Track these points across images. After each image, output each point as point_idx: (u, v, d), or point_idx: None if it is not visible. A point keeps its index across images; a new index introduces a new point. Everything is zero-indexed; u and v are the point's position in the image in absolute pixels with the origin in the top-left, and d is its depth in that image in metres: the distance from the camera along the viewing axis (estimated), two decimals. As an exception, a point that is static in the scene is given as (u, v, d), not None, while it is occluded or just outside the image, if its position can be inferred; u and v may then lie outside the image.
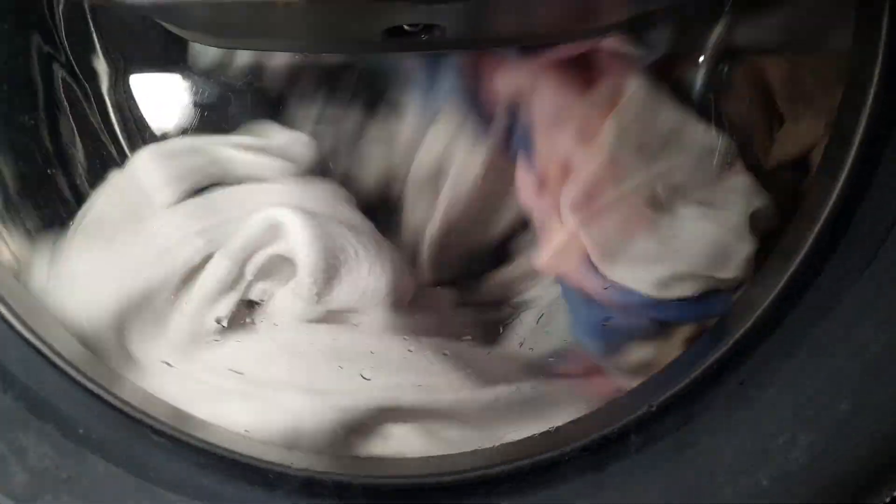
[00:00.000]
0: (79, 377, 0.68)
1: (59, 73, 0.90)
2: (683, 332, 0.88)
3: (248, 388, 0.77)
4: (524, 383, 0.83)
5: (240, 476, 0.69)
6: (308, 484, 0.70)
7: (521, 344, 0.93)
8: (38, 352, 0.68)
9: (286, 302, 0.82)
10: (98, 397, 0.68)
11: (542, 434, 0.83)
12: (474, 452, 0.81)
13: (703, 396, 0.75)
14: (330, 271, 0.79)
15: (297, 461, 0.71)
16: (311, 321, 0.83)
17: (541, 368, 0.88)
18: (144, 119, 0.93)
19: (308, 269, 0.78)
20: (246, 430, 0.73)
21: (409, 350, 0.83)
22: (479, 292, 0.97)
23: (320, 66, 0.94)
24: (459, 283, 0.97)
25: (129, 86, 0.94)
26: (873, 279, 0.72)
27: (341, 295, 0.80)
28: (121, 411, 0.68)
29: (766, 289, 0.77)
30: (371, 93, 0.94)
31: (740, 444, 0.71)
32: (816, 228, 0.75)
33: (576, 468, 0.73)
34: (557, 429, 0.84)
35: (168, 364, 0.79)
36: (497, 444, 0.81)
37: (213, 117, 0.92)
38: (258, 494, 0.68)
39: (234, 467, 0.69)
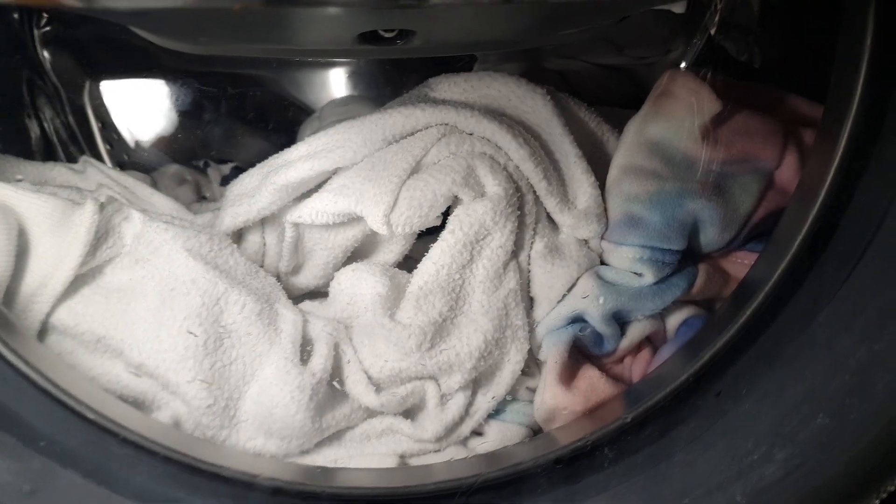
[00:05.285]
0: (42, 382, 0.66)
1: (35, 80, 0.89)
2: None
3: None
4: None
5: (207, 486, 0.67)
6: (276, 493, 0.69)
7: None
8: (-2, 355, 0.66)
9: None
10: (63, 404, 0.66)
11: (516, 445, 0.83)
12: (448, 463, 0.80)
13: (679, 409, 0.74)
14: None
15: (266, 471, 0.70)
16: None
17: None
18: (115, 125, 0.93)
19: None
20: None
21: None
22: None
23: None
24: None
25: (100, 92, 0.93)
26: (850, 294, 0.71)
27: None
28: (86, 419, 0.66)
29: (744, 302, 0.76)
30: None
31: (715, 458, 0.70)
32: (796, 244, 0.74)
33: (548, 480, 0.72)
34: (532, 439, 0.84)
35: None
36: (471, 454, 0.81)
37: (186, 123, 0.92)
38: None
39: (201, 477, 0.68)
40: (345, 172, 0.88)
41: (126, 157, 1.00)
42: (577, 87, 0.96)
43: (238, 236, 0.93)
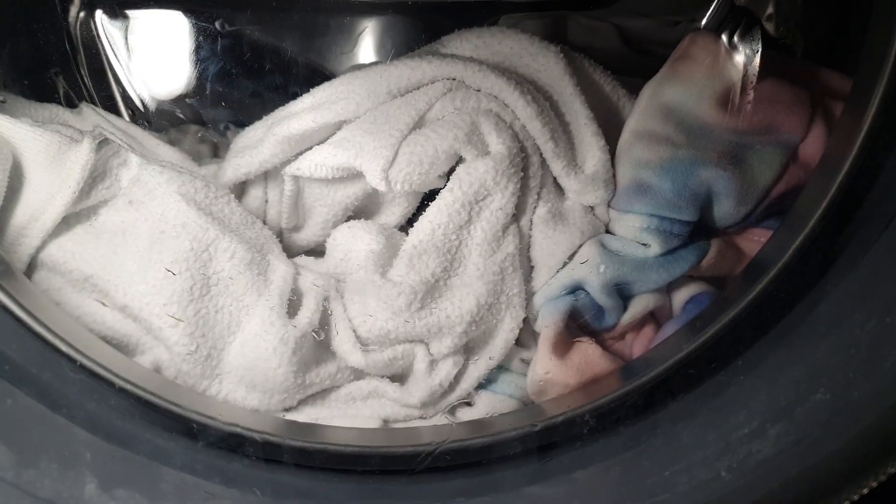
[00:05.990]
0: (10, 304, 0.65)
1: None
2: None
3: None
4: None
5: (159, 421, 0.65)
6: (232, 437, 0.66)
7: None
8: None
9: None
10: (18, 320, 0.64)
11: (498, 415, 0.78)
12: (415, 429, 0.77)
13: (672, 384, 0.69)
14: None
15: (225, 415, 0.67)
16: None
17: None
18: (109, 59, 0.92)
19: None
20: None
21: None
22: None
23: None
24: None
25: (96, 23, 0.92)
26: (867, 269, 0.66)
27: None
28: (42, 339, 0.64)
29: (755, 279, 0.70)
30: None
31: (702, 433, 0.64)
32: (814, 219, 0.69)
33: (524, 451, 0.67)
34: (516, 410, 0.79)
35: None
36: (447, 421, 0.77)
37: (181, 59, 0.91)
38: (178, 442, 0.65)
39: (155, 412, 0.65)
40: (347, 126, 0.86)
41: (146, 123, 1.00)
42: (600, 58, 0.91)
43: (242, 191, 0.91)
